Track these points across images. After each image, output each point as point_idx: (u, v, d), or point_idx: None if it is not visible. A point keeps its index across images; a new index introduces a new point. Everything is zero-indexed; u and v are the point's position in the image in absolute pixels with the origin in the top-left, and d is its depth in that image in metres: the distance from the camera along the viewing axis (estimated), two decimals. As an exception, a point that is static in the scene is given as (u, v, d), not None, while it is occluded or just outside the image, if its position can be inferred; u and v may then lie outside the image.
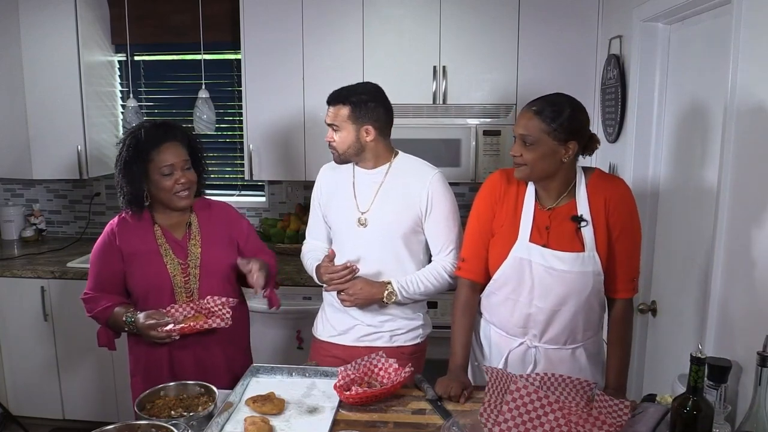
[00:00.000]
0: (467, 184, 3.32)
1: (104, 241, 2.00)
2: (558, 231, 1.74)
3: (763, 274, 1.45)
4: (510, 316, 1.81)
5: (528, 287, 1.75)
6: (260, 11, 3.09)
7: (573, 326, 1.77)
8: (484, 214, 1.84)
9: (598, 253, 1.72)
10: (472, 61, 3.01)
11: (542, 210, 1.77)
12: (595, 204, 1.73)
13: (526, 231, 1.75)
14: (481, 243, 1.85)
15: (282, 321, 3.00)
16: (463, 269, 1.88)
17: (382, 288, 1.98)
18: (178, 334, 1.85)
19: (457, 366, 1.83)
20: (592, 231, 1.72)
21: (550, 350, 1.80)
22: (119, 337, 2.06)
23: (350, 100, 1.96)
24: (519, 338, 1.82)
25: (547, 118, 1.66)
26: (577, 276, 1.71)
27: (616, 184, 1.79)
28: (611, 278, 1.76)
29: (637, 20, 2.34)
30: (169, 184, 1.94)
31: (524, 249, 1.75)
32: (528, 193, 1.79)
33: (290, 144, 3.18)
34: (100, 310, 1.96)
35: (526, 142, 1.69)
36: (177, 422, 1.49)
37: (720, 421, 1.36)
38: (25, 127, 3.29)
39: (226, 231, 2.09)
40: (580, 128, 1.70)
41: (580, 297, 1.73)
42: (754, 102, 1.50)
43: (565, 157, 1.69)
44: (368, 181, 2.04)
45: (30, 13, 3.21)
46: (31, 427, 3.27)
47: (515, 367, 1.82)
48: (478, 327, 1.95)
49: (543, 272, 1.73)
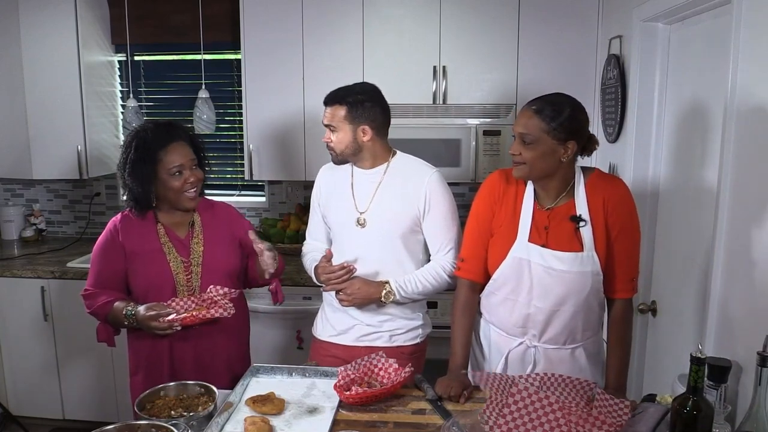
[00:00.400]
0: (467, 184, 3.32)
1: (107, 238, 2.01)
2: (557, 231, 1.74)
3: (763, 274, 1.45)
4: (509, 316, 1.81)
5: (527, 287, 1.75)
6: (260, 11, 3.09)
7: (572, 326, 1.77)
8: (483, 213, 1.85)
9: (597, 253, 1.72)
10: (472, 61, 3.01)
11: (541, 210, 1.77)
12: (594, 204, 1.73)
13: (525, 231, 1.76)
14: (480, 243, 1.85)
15: (282, 321, 3.00)
16: (463, 269, 1.89)
17: (379, 288, 1.98)
18: (180, 324, 1.85)
19: (457, 366, 1.83)
20: (590, 231, 1.72)
21: (549, 350, 1.80)
22: (119, 334, 2.06)
23: (347, 101, 1.96)
24: (518, 338, 1.82)
25: (546, 117, 1.66)
26: (576, 276, 1.71)
27: (615, 185, 1.79)
28: (610, 278, 1.76)
29: (637, 20, 2.34)
30: (178, 185, 1.95)
31: (523, 249, 1.75)
32: (527, 193, 1.79)
33: (290, 144, 3.18)
34: (100, 305, 1.96)
35: (526, 140, 1.69)
36: (177, 422, 1.49)
37: (720, 421, 1.36)
38: (25, 127, 3.29)
39: (229, 230, 2.10)
40: (580, 128, 1.70)
41: (579, 297, 1.73)
42: (754, 102, 1.50)
43: (564, 156, 1.69)
44: (366, 181, 2.04)
45: (30, 13, 3.21)
46: (31, 427, 3.27)
47: (515, 367, 1.82)
48: (478, 327, 1.95)
49: (542, 272, 1.73)
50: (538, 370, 1.77)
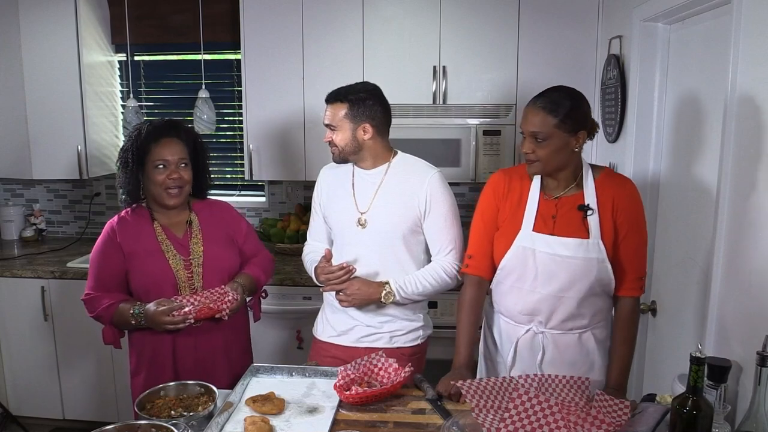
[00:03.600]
0: (467, 184, 3.32)
1: (104, 240, 2.01)
2: (565, 219, 1.76)
3: (763, 274, 1.45)
4: (515, 304, 1.83)
5: (532, 275, 1.77)
6: (260, 11, 3.09)
7: (578, 313, 1.78)
8: (488, 210, 1.87)
9: (603, 242, 1.73)
10: (472, 61, 3.01)
11: (548, 199, 1.79)
12: (603, 200, 1.75)
13: (529, 221, 1.78)
14: (486, 239, 1.86)
15: (282, 321, 3.01)
16: (471, 266, 1.90)
17: (379, 288, 1.98)
18: (195, 317, 1.86)
19: (461, 365, 1.84)
20: (597, 219, 1.74)
21: (556, 335, 1.81)
22: (123, 336, 2.06)
23: (348, 98, 1.97)
24: (525, 325, 1.83)
25: (555, 112, 1.68)
26: (582, 262, 1.73)
27: (625, 184, 1.80)
28: (619, 277, 1.77)
29: (637, 20, 2.34)
30: (160, 179, 1.96)
31: (528, 238, 1.77)
32: (533, 185, 1.81)
33: (290, 144, 3.18)
34: (104, 309, 1.95)
35: (538, 138, 1.70)
36: (177, 422, 1.49)
37: (720, 421, 1.36)
38: (25, 127, 3.29)
39: (226, 230, 2.11)
40: (586, 117, 1.73)
41: (584, 283, 1.74)
42: (754, 102, 1.50)
43: (576, 146, 1.72)
44: (367, 182, 2.04)
45: (30, 13, 3.21)
46: (31, 427, 3.27)
47: (524, 355, 1.83)
48: (490, 321, 1.96)
49: (547, 259, 1.75)
50: (547, 357, 1.80)
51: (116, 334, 2.02)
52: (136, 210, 2.05)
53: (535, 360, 1.81)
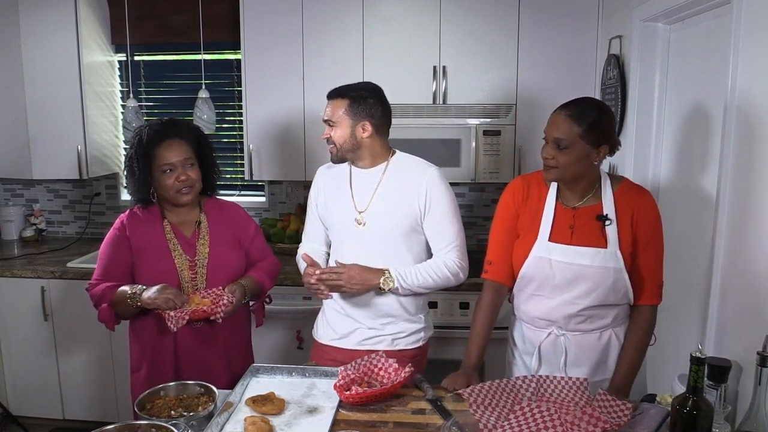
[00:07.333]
0: (467, 184, 3.32)
1: (114, 233, 2.03)
2: (583, 229, 1.77)
3: (762, 274, 1.45)
4: (534, 310, 1.85)
5: (551, 284, 1.79)
6: (260, 11, 3.09)
7: (596, 319, 1.80)
8: (508, 216, 1.88)
9: (621, 252, 1.73)
10: (472, 61, 3.01)
11: (566, 209, 1.80)
12: (623, 212, 1.76)
13: (545, 231, 1.79)
14: (507, 245, 1.88)
15: (282, 321, 3.00)
16: (490, 272, 1.91)
17: (379, 274, 1.95)
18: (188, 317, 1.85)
19: (470, 365, 1.86)
20: (616, 229, 1.75)
21: (578, 336, 1.82)
22: (119, 323, 2.03)
23: (350, 95, 1.97)
24: (546, 329, 1.85)
25: (582, 122, 1.68)
26: (599, 270, 1.74)
27: (644, 196, 1.81)
28: (638, 285, 1.78)
29: (637, 20, 2.34)
30: (169, 183, 1.96)
31: (544, 248, 1.78)
32: (549, 194, 1.82)
33: (290, 144, 3.18)
34: (105, 288, 1.94)
35: (560, 145, 1.71)
36: (177, 422, 1.49)
37: (720, 421, 1.36)
38: (25, 127, 3.29)
39: (233, 231, 2.11)
40: (611, 132, 1.74)
41: (601, 292, 1.75)
42: (754, 102, 1.50)
43: (597, 160, 1.73)
44: (366, 181, 2.04)
45: (30, 13, 3.21)
46: (31, 427, 3.27)
47: (548, 358, 1.85)
48: (512, 328, 1.98)
49: (564, 268, 1.76)
50: (570, 358, 1.81)
51: (112, 314, 1.98)
52: (147, 206, 2.06)
53: (558, 362, 1.83)
